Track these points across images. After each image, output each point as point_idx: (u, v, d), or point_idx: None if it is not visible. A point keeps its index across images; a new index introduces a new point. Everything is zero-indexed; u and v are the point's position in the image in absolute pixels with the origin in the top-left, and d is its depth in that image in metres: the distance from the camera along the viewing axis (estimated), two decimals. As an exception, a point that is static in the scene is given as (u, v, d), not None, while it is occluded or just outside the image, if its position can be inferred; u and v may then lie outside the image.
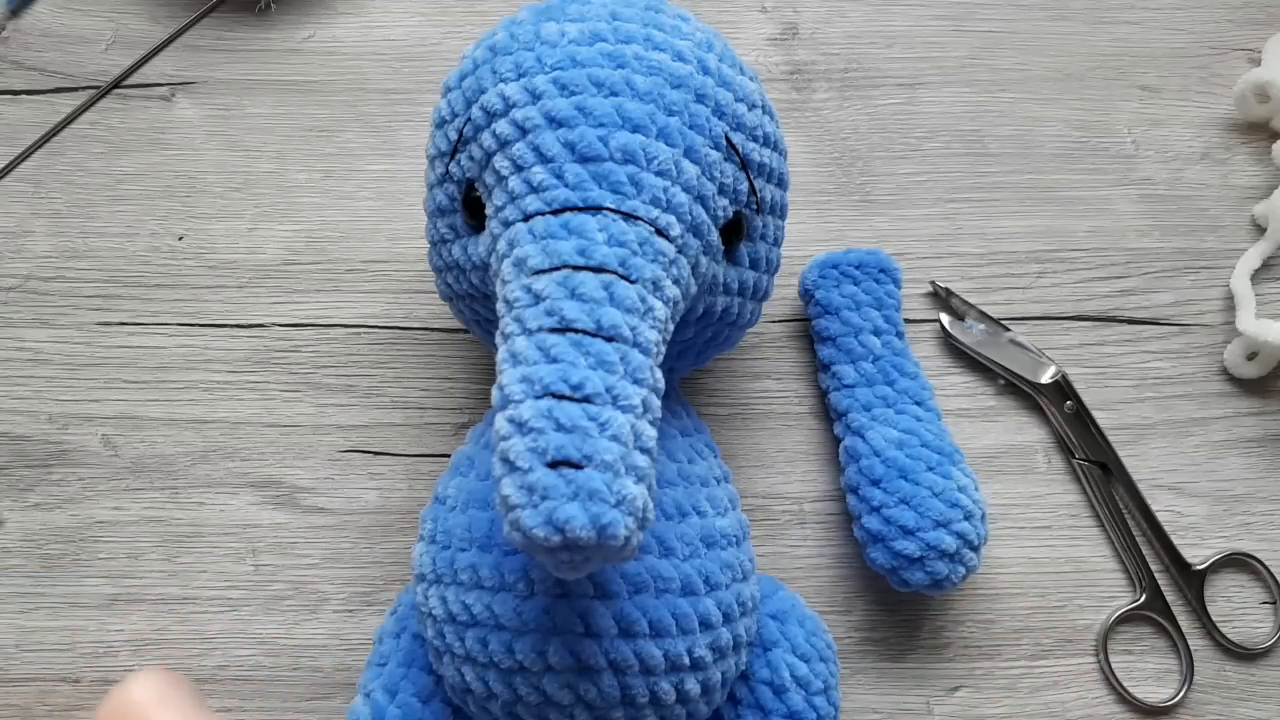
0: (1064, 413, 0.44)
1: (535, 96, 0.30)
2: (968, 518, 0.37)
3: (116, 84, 0.48)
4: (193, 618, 0.41)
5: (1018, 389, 0.44)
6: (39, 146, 0.47)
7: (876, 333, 0.42)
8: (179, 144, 0.47)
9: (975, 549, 0.38)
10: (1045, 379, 0.44)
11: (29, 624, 0.41)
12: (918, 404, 0.41)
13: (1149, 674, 0.42)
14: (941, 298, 0.45)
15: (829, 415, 0.43)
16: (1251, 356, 0.44)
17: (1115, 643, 0.42)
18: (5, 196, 0.46)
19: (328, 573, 0.42)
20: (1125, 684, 0.41)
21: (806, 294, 0.44)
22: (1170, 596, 0.42)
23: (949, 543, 0.37)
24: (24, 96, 0.48)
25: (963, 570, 0.38)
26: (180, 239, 0.46)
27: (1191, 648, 0.41)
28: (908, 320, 0.45)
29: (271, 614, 0.41)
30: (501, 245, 0.30)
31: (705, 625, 0.32)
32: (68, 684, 0.41)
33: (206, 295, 0.45)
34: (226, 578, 0.42)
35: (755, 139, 0.33)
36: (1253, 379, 0.45)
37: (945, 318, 0.45)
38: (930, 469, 0.38)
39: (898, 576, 0.38)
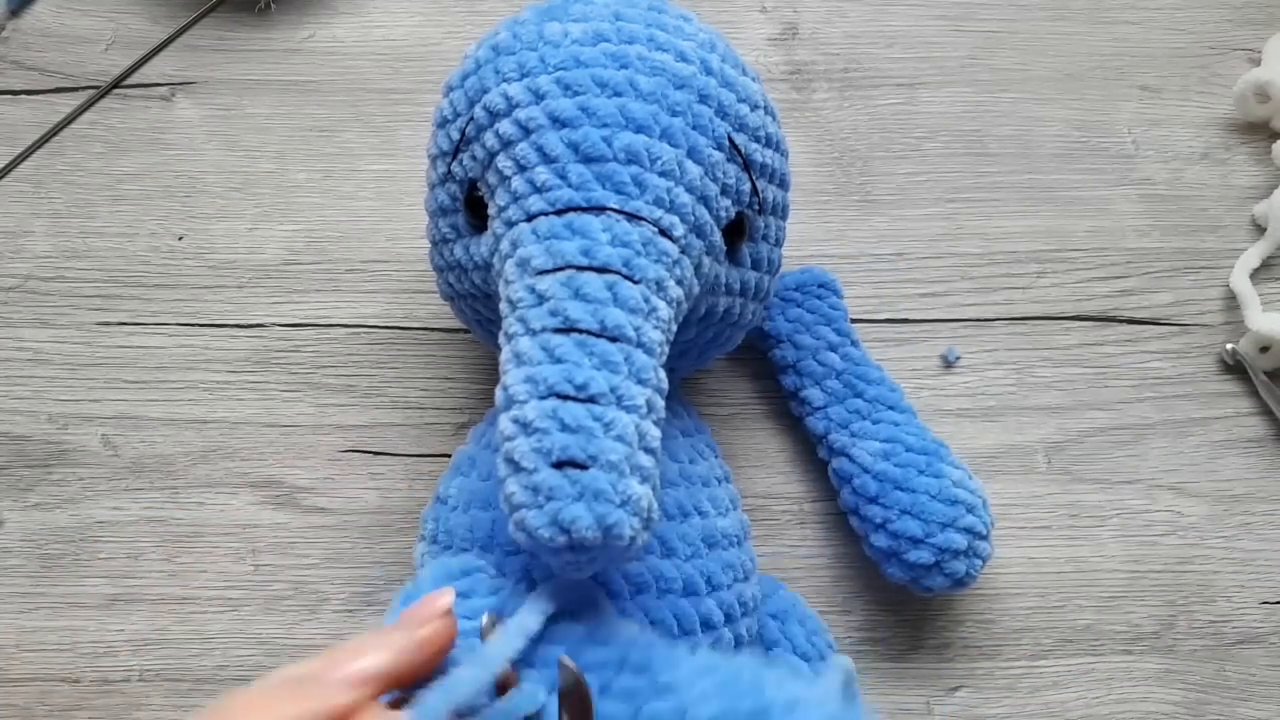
0: None
1: (539, 96, 0.30)
2: (970, 510, 0.37)
3: (116, 84, 0.48)
4: (193, 618, 0.41)
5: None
6: (39, 146, 0.47)
7: (832, 348, 0.42)
8: (179, 144, 0.47)
9: (984, 537, 0.38)
10: None
11: (29, 624, 0.41)
12: (891, 408, 0.40)
13: None
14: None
15: (809, 441, 0.43)
16: (1264, 350, 0.44)
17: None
18: (5, 196, 0.46)
19: (328, 573, 0.42)
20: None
21: (755, 330, 0.43)
22: None
23: (959, 541, 0.37)
24: (24, 96, 0.48)
25: (979, 562, 0.38)
26: (180, 239, 0.46)
27: None
28: (912, 320, 0.45)
29: (271, 614, 0.41)
30: (504, 245, 0.29)
31: (707, 625, 0.32)
32: (68, 684, 0.41)
33: (206, 295, 0.45)
34: (226, 578, 0.42)
35: (758, 140, 0.33)
36: (1251, 379, 0.45)
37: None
38: (921, 472, 0.38)
39: (919, 585, 0.38)
